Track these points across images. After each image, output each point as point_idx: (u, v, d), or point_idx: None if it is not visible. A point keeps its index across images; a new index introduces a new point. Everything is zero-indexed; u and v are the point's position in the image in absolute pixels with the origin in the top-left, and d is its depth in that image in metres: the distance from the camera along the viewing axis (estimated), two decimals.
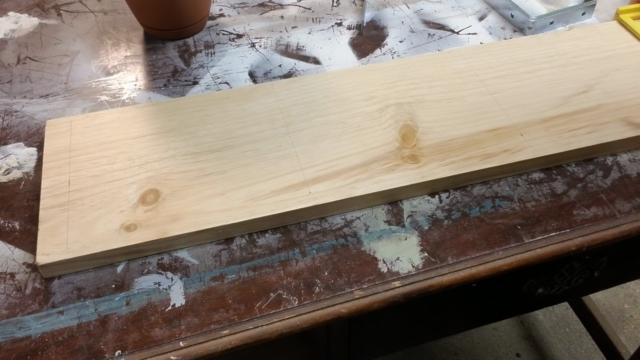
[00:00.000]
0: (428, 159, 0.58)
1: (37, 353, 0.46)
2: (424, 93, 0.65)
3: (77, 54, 0.75)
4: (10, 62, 0.73)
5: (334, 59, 0.73)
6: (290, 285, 0.50)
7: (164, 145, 0.59)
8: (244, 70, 0.72)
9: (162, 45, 0.76)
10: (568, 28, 0.77)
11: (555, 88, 0.65)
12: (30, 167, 0.60)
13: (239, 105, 0.64)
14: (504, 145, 0.59)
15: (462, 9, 0.81)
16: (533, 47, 0.71)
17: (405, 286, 0.50)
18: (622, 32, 0.73)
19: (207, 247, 0.53)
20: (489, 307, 0.67)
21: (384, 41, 0.76)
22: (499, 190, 0.58)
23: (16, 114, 0.66)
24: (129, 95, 0.68)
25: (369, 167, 0.57)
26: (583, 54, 0.70)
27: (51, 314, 0.48)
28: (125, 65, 0.73)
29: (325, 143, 0.59)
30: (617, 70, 0.68)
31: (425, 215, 0.55)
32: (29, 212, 0.56)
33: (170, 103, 0.65)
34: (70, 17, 0.81)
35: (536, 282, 0.57)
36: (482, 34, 0.77)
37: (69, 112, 0.66)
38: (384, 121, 0.62)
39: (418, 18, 0.80)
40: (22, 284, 0.50)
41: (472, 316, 0.68)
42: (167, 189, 0.55)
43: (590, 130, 0.60)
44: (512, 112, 0.62)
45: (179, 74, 0.71)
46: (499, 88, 0.65)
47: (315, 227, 0.54)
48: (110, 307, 0.49)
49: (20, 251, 0.53)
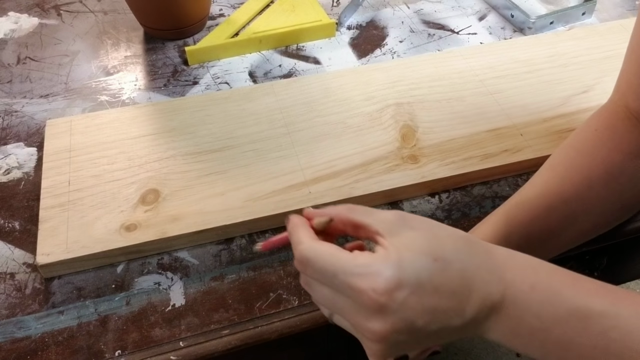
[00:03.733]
0: (428, 159, 0.58)
1: (37, 353, 0.46)
2: (424, 93, 0.65)
3: (77, 54, 0.75)
4: (10, 62, 0.73)
5: (333, 59, 0.73)
6: (290, 285, 0.50)
7: (164, 145, 0.59)
8: (244, 70, 0.72)
9: (162, 45, 0.76)
10: (568, 28, 0.77)
11: (555, 88, 0.65)
12: (30, 167, 0.60)
13: (239, 105, 0.64)
14: (504, 145, 0.59)
15: (462, 9, 0.81)
16: (533, 47, 0.71)
17: None
18: (622, 32, 0.73)
19: (207, 247, 0.53)
20: None
21: (384, 41, 0.76)
22: (499, 191, 0.58)
23: (16, 114, 0.66)
24: (129, 95, 0.68)
25: (369, 167, 0.57)
26: (583, 54, 0.70)
27: (51, 314, 0.48)
28: (125, 65, 0.73)
29: (325, 143, 0.59)
30: (617, 70, 0.67)
31: (425, 215, 0.55)
32: (29, 212, 0.56)
33: (170, 103, 0.65)
34: (70, 17, 0.81)
35: None
36: (482, 34, 0.77)
37: (69, 112, 0.66)
38: (384, 121, 0.62)
39: (418, 18, 0.80)
40: (22, 284, 0.50)
41: None
42: (167, 189, 0.55)
43: None
44: (512, 112, 0.62)
45: (179, 74, 0.71)
46: (499, 88, 0.65)
47: None
48: (110, 307, 0.49)
49: (20, 251, 0.53)
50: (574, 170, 0.48)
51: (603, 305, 0.30)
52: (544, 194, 0.47)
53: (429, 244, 0.31)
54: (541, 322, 0.31)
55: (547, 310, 0.31)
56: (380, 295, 0.29)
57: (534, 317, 0.31)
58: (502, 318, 0.32)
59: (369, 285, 0.29)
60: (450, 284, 0.31)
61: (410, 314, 0.30)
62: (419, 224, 0.33)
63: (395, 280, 0.29)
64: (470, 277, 0.31)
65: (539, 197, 0.46)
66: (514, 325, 0.32)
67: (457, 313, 0.31)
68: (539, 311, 0.31)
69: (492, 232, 0.45)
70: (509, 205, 0.48)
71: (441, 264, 0.31)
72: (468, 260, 0.32)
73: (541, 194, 0.47)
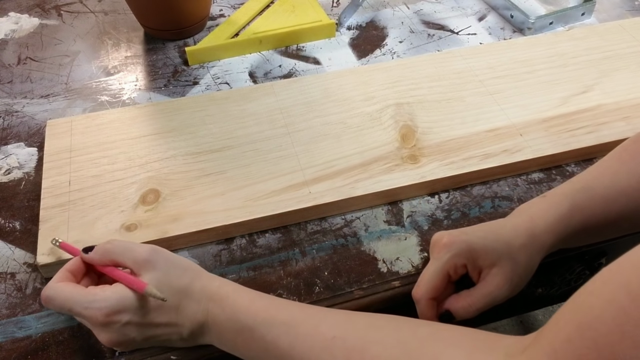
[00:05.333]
0: (428, 159, 0.58)
1: (38, 353, 0.46)
2: (424, 93, 0.65)
3: (77, 54, 0.75)
4: (11, 63, 0.74)
5: (333, 59, 0.74)
6: (290, 285, 0.50)
7: (164, 146, 0.60)
8: (244, 70, 0.72)
9: (162, 45, 0.76)
10: (567, 28, 0.77)
11: (554, 88, 0.65)
12: (31, 167, 0.60)
13: (239, 106, 0.64)
14: (504, 145, 0.59)
15: (461, 9, 0.82)
16: (532, 47, 0.71)
17: (405, 286, 0.50)
18: (622, 33, 0.73)
19: (207, 247, 0.53)
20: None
21: (383, 41, 0.76)
22: (498, 191, 0.58)
23: (17, 114, 0.66)
24: (129, 95, 0.68)
25: (369, 167, 0.57)
26: (582, 55, 0.70)
27: (52, 313, 0.48)
28: (126, 65, 0.73)
29: (325, 143, 0.59)
30: (617, 70, 0.68)
31: (425, 215, 0.55)
32: (30, 212, 0.56)
33: (170, 103, 0.65)
34: (70, 18, 0.81)
35: (535, 282, 0.57)
36: (481, 34, 0.77)
37: (70, 112, 0.66)
38: (384, 121, 0.62)
39: (418, 18, 0.80)
40: (23, 284, 0.51)
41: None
42: (167, 189, 0.55)
43: (589, 130, 0.60)
44: (512, 112, 0.62)
45: (179, 74, 0.71)
46: (498, 88, 0.65)
47: (315, 227, 0.55)
48: None
49: (21, 251, 0.53)
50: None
51: (262, 317, 0.41)
52: (611, 186, 0.47)
53: (157, 280, 0.41)
54: (230, 334, 0.42)
55: (231, 327, 0.41)
56: (100, 320, 0.40)
57: (225, 331, 0.42)
58: (210, 331, 0.42)
59: (93, 313, 0.40)
60: (167, 314, 0.42)
61: (128, 331, 0.41)
62: (161, 264, 0.42)
63: (113, 310, 0.40)
64: (184, 309, 0.42)
65: (606, 189, 0.47)
66: (218, 336, 0.42)
67: (175, 335, 0.42)
68: (228, 327, 0.42)
69: (555, 214, 0.46)
70: (574, 190, 0.48)
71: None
72: (184, 297, 0.42)
73: (609, 186, 0.47)
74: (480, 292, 0.44)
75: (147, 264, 0.42)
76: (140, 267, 0.42)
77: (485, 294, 0.44)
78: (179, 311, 0.42)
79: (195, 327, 0.42)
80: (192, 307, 0.42)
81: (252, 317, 0.41)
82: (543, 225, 0.45)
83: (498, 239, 0.45)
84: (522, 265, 0.45)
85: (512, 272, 0.44)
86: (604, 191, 0.47)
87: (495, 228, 0.46)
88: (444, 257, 0.45)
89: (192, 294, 0.42)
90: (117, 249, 0.43)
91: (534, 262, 0.46)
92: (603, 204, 0.47)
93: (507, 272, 0.44)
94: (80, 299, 0.41)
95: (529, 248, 0.45)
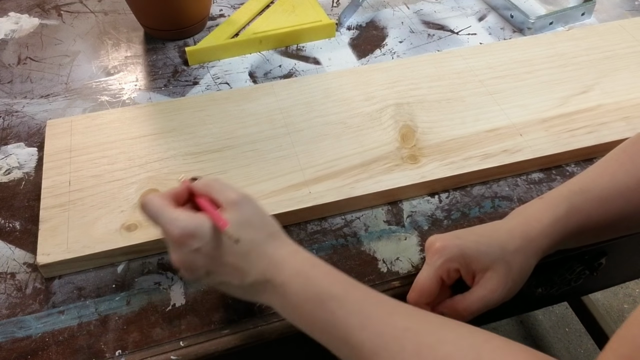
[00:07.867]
0: (428, 159, 0.58)
1: (38, 353, 0.46)
2: (424, 93, 0.65)
3: (77, 54, 0.75)
4: (11, 63, 0.74)
5: (333, 59, 0.74)
6: None
7: (164, 146, 0.60)
8: (244, 70, 0.72)
9: (162, 45, 0.76)
10: (567, 28, 0.77)
11: (554, 88, 0.65)
12: (31, 167, 0.60)
13: (239, 106, 0.64)
14: (504, 145, 0.59)
15: (461, 9, 0.82)
16: (532, 47, 0.71)
17: (405, 286, 0.50)
18: (622, 33, 0.73)
19: None
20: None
21: (383, 41, 0.76)
22: (498, 191, 0.58)
23: (17, 114, 0.66)
24: (129, 95, 0.68)
25: (369, 167, 0.57)
26: (582, 55, 0.70)
27: (52, 313, 0.48)
28: (126, 65, 0.73)
29: (325, 143, 0.59)
30: (617, 70, 0.68)
31: (425, 215, 0.55)
32: (30, 212, 0.56)
33: (170, 103, 0.65)
34: (70, 18, 0.81)
35: (535, 282, 0.57)
36: (481, 34, 0.77)
37: (70, 112, 0.66)
38: (384, 121, 0.62)
39: (418, 18, 0.80)
40: (23, 284, 0.51)
41: None
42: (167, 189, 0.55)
43: (589, 130, 0.60)
44: (512, 112, 0.62)
45: (179, 74, 0.71)
46: (498, 88, 0.65)
47: (315, 227, 0.55)
48: (111, 307, 0.49)
49: (21, 251, 0.53)
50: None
51: (336, 291, 0.40)
52: (609, 188, 0.47)
53: (238, 223, 0.42)
54: (297, 299, 0.41)
55: (301, 292, 0.41)
56: (176, 237, 0.41)
57: (293, 294, 0.41)
58: (275, 292, 0.42)
59: (171, 229, 0.42)
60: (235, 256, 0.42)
61: (196, 258, 0.42)
62: (246, 210, 0.43)
63: (189, 232, 0.41)
64: (253, 259, 0.42)
65: (604, 190, 0.47)
66: (281, 299, 0.42)
67: (237, 279, 0.42)
68: (296, 291, 0.41)
69: (552, 216, 0.46)
70: (571, 192, 0.48)
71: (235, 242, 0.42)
72: (259, 247, 0.42)
73: (606, 187, 0.47)
74: (474, 296, 0.44)
75: (234, 205, 0.43)
76: (228, 206, 0.43)
77: (479, 297, 0.44)
78: (247, 259, 0.42)
79: (259, 280, 0.42)
80: (263, 261, 0.42)
81: (326, 288, 0.40)
82: (539, 227, 0.45)
83: (492, 242, 0.45)
84: (517, 268, 0.44)
85: (506, 276, 0.44)
86: (602, 193, 0.47)
87: (490, 231, 0.46)
88: (437, 262, 0.45)
89: (266, 248, 0.42)
90: (216, 185, 0.45)
91: (529, 265, 0.45)
92: (601, 205, 0.47)
93: (501, 276, 0.44)
94: (167, 214, 0.42)
95: (524, 251, 0.45)
